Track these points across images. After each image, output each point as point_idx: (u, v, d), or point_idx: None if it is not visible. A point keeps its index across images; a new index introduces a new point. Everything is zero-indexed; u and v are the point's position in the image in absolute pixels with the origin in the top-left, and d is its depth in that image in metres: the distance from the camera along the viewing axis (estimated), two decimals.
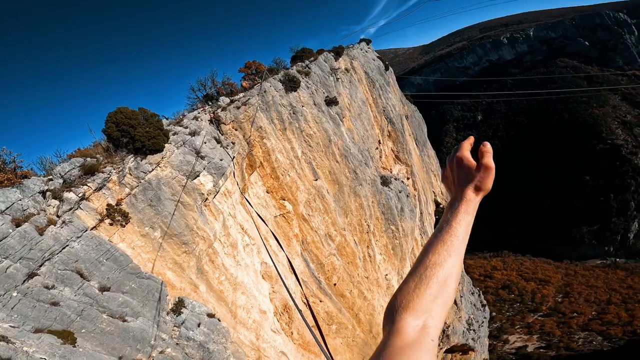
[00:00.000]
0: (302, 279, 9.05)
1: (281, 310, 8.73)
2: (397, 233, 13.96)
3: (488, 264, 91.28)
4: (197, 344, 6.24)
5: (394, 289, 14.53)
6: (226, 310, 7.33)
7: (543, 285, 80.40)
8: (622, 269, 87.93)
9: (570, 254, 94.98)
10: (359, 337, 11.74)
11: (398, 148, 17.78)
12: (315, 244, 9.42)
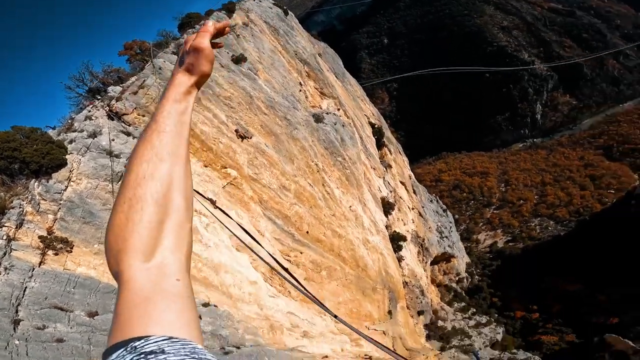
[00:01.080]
0: (274, 238, 10.15)
1: (269, 274, 9.86)
2: (346, 163, 15.79)
3: (434, 168, 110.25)
4: (209, 334, 7.07)
5: (362, 218, 16.83)
6: (219, 294, 8.14)
7: (485, 177, 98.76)
8: (542, 148, 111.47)
9: (495, 143, 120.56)
10: (350, 274, 13.81)
11: (320, 85, 19.01)
12: (273, 199, 10.41)
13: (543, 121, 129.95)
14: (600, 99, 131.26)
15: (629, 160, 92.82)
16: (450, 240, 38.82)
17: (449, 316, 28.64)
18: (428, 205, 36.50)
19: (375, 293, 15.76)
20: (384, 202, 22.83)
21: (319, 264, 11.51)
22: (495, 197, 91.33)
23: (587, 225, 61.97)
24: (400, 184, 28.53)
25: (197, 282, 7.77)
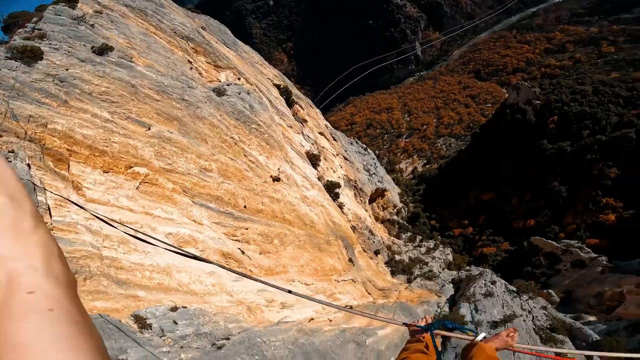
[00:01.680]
0: (214, 222, 10.14)
1: (224, 260, 9.98)
2: (261, 128, 15.93)
3: (345, 113, 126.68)
4: (193, 336, 7.12)
5: (292, 177, 17.54)
6: (182, 294, 8.07)
7: (391, 112, 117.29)
8: (428, 79, 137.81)
9: (391, 81, 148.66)
10: (301, 235, 14.62)
11: (212, 58, 18.44)
12: (197, 185, 10.21)
13: (424, 56, 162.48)
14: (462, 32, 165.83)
15: (495, 79, 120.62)
16: (378, 175, 42.71)
17: (402, 248, 32.61)
18: (350, 148, 39.12)
19: (330, 245, 17.10)
20: (309, 155, 23.98)
21: (268, 234, 11.97)
22: (403, 127, 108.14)
23: (479, 137, 75.47)
24: (319, 134, 29.89)
25: (154, 290, 7.62)
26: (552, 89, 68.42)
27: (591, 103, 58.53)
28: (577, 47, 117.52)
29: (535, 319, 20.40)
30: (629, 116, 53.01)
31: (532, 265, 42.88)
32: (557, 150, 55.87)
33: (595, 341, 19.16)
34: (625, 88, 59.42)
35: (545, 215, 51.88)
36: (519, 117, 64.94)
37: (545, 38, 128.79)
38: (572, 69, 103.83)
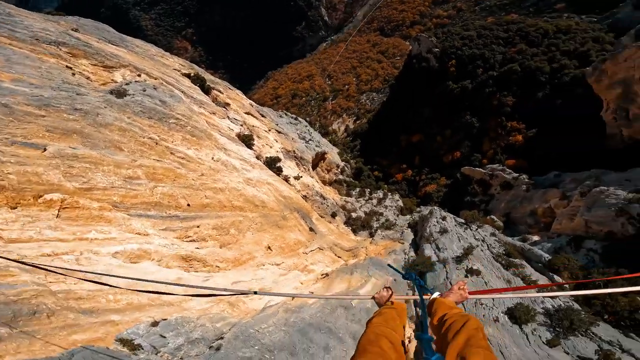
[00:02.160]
0: (161, 230, 9.32)
1: (186, 264, 9.35)
2: (181, 121, 14.70)
3: (268, 88, 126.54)
4: (186, 345, 6.67)
5: (230, 163, 16.81)
6: (157, 307, 7.54)
7: (312, 79, 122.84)
8: (339, 42, 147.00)
9: (305, 49, 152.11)
10: (255, 217, 14.20)
11: (98, 59, 16.24)
12: (127, 196, 9.18)
13: (331, 21, 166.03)
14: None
15: (398, 33, 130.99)
16: (315, 141, 43.06)
17: (356, 205, 33.81)
18: (280, 121, 38.59)
19: (288, 220, 17.01)
20: (241, 137, 23.22)
21: (223, 226, 11.42)
22: (327, 91, 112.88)
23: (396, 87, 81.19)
24: (246, 114, 28.82)
25: (126, 310, 6.99)
26: (445, 37, 76.73)
27: (478, 46, 67.31)
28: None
29: (490, 247, 21.94)
30: (510, 53, 62.14)
31: (469, 194, 47.75)
32: (461, 88, 63.38)
33: (547, 261, 20.48)
34: (502, 30, 68.85)
35: (467, 146, 58.36)
36: (425, 65, 72.55)
37: None
38: (457, 17, 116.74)
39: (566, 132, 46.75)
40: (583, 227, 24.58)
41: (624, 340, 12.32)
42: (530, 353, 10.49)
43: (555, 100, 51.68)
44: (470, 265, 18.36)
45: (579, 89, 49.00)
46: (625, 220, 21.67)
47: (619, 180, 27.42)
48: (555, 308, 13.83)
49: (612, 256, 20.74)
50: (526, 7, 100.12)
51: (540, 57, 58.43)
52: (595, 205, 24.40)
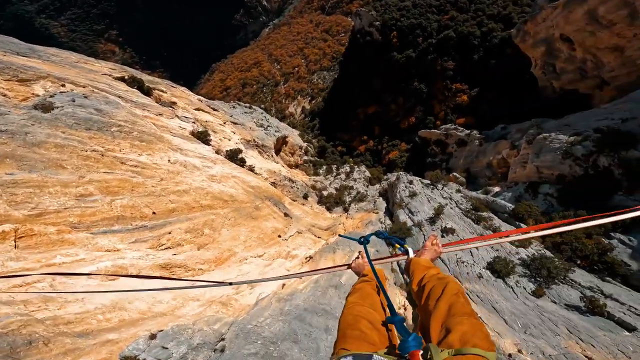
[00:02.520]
0: (130, 243, 8.70)
1: (167, 272, 8.88)
2: (124, 127, 13.66)
3: (215, 81, 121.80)
4: (190, 351, 6.40)
5: (189, 163, 16.03)
6: (150, 319, 7.21)
7: (260, 65, 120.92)
8: (282, 25, 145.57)
9: (248, 37, 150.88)
10: (228, 213, 13.72)
11: (10, 74, 14.58)
12: (85, 214, 8.42)
13: (270, 5, 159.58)
14: None
15: (338, 10, 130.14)
16: (273, 126, 42.31)
17: (325, 183, 33.93)
18: (234, 112, 37.33)
19: (261, 210, 16.68)
20: (196, 134, 22.25)
21: (195, 227, 10.92)
22: (278, 75, 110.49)
23: (345, 63, 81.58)
24: (197, 111, 27.53)
25: (121, 328, 6.68)
26: (384, 10, 78.17)
27: (415, 16, 69.56)
28: None
29: (457, 204, 22.65)
30: (444, 20, 64.93)
31: (430, 155, 49.36)
32: (405, 57, 65.59)
33: (511, 210, 21.26)
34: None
35: (420, 111, 61.10)
36: (369, 39, 73.98)
37: None
38: None
39: (504, 88, 50.08)
40: (535, 173, 25.69)
41: (602, 285, 12.80)
42: (520, 305, 10.83)
43: (490, 61, 55.29)
44: (444, 225, 19.03)
45: (508, 49, 52.52)
46: (572, 162, 22.86)
47: (559, 126, 28.72)
48: (531, 257, 14.46)
49: (567, 199, 21.84)
50: None
51: (471, 22, 62.17)
52: (542, 151, 25.51)
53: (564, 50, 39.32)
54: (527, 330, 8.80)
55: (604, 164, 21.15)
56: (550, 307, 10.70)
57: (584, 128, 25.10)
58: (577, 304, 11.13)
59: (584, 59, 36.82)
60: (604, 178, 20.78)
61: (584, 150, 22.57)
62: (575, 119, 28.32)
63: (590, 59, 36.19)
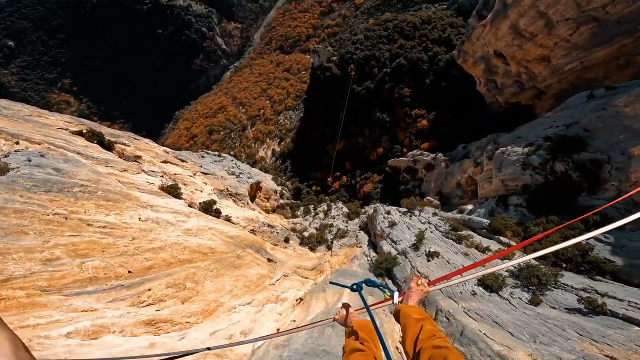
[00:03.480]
0: (109, 302, 7.99)
1: (152, 328, 8.14)
2: (88, 187, 13.16)
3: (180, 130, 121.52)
4: None
5: (161, 219, 15.45)
6: None
7: (225, 110, 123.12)
8: (243, 67, 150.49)
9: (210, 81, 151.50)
10: (209, 265, 13.08)
11: None
12: (54, 278, 7.69)
13: (230, 48, 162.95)
14: (253, 14, 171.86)
15: (297, 49, 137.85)
16: (245, 173, 42.20)
17: (305, 224, 33.60)
18: (203, 162, 37.03)
19: (243, 258, 16.12)
20: (165, 189, 21.61)
21: (176, 282, 10.27)
22: (244, 119, 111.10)
23: (309, 100, 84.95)
24: (164, 163, 27.04)
25: None
26: (339, 45, 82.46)
27: (368, 47, 73.58)
28: (339, 4, 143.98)
29: (436, 227, 22.95)
30: (395, 49, 69.76)
31: (402, 183, 50.89)
32: (365, 89, 68.70)
33: (488, 225, 21.60)
34: (382, 29, 76.52)
35: (386, 140, 63.24)
36: (329, 74, 77.38)
37: (317, 3, 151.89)
38: (345, 24, 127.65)
39: (457, 109, 53.80)
40: (501, 186, 26.50)
41: (594, 284, 12.85)
42: (521, 315, 10.73)
43: (440, 84, 59.57)
44: (427, 249, 19.06)
45: (454, 71, 56.85)
46: (532, 171, 23.86)
47: (512, 138, 30.27)
48: (518, 268, 14.57)
49: (536, 206, 22.50)
50: (394, 4, 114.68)
51: (418, 49, 66.90)
52: (502, 165, 26.59)
53: (500, 66, 42.94)
54: (536, 339, 8.67)
55: (560, 169, 22.18)
56: (551, 313, 10.65)
57: (535, 138, 26.59)
58: (576, 306, 11.13)
59: (519, 72, 40.16)
60: (564, 182, 21.69)
61: (539, 159, 23.65)
62: (525, 130, 29.91)
63: (523, 72, 39.48)
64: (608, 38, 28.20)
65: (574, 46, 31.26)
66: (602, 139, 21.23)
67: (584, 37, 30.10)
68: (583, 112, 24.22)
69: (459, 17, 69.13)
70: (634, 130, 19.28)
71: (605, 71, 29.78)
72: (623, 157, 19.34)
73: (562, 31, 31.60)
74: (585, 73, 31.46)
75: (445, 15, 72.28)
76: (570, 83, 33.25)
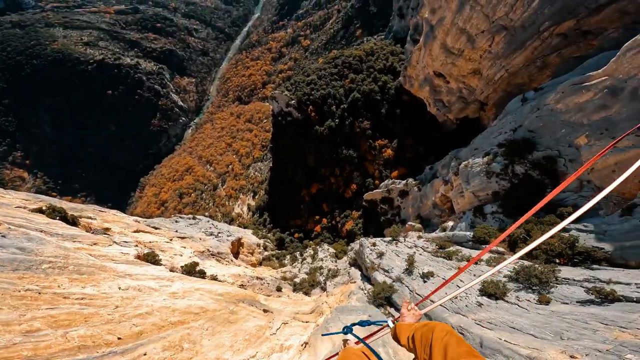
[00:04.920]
0: None
1: None
2: (57, 263, 12.27)
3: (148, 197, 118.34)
4: None
5: (144, 286, 14.51)
6: None
7: (192, 171, 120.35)
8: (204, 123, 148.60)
9: (171, 142, 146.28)
10: (203, 324, 12.12)
11: None
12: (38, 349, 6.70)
13: (187, 105, 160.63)
14: (205, 68, 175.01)
15: (255, 98, 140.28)
16: (224, 232, 40.97)
17: (294, 271, 32.47)
18: (178, 226, 35.81)
19: (237, 313, 15.19)
20: (142, 258, 20.61)
21: (172, 344, 9.34)
22: (214, 178, 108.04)
23: (275, 149, 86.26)
24: (136, 233, 25.89)
25: None
26: (294, 88, 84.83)
27: (322, 86, 76.33)
28: (289, 48, 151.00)
29: (424, 249, 23.21)
30: (347, 84, 72.95)
31: (381, 214, 51.77)
32: (328, 128, 70.93)
33: (472, 237, 22.03)
34: (332, 66, 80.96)
35: (358, 176, 64.36)
36: (290, 119, 78.70)
37: (267, 49, 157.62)
38: (296, 67, 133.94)
39: (415, 133, 56.73)
40: (474, 198, 27.44)
41: (595, 273, 12.74)
42: (536, 316, 10.47)
43: (395, 111, 62.96)
44: (421, 271, 18.96)
45: (404, 96, 60.56)
46: (496, 178, 25.03)
47: (470, 151, 31.92)
48: (514, 272, 14.51)
49: (511, 210, 23.53)
50: (339, 41, 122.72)
51: (368, 80, 70.91)
52: (469, 178, 27.68)
53: (442, 85, 45.94)
54: (562, 336, 8.38)
55: (520, 171, 23.36)
56: (565, 309, 10.43)
57: (489, 147, 28.22)
58: (587, 297, 10.90)
59: (459, 88, 43.17)
60: (528, 182, 22.78)
61: (499, 165, 24.87)
62: (480, 141, 31.65)
63: (463, 87, 42.48)
64: (520, 44, 30.55)
65: (495, 56, 33.90)
66: (547, 136, 22.66)
67: (501, 46, 32.66)
68: (522, 115, 25.90)
69: (397, 44, 74.53)
70: (572, 123, 20.69)
71: (529, 75, 32.33)
72: (571, 149, 20.71)
73: (482, 43, 34.54)
74: (513, 79, 34.15)
75: (385, 45, 77.51)
76: (504, 90, 35.97)
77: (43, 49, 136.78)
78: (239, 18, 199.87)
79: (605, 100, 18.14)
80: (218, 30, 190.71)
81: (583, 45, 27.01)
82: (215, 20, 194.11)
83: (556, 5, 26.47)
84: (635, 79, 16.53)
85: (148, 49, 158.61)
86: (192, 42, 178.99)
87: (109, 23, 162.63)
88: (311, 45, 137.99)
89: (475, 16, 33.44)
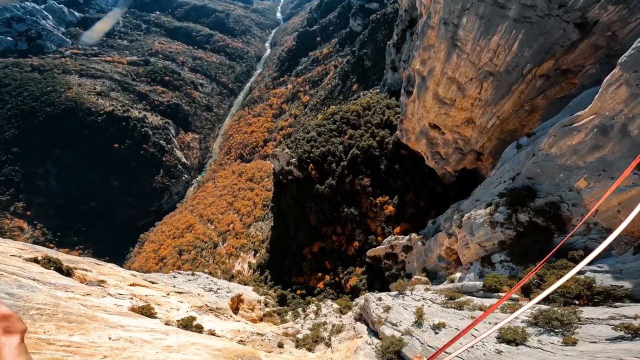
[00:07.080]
0: None
1: None
2: (46, 310, 11.47)
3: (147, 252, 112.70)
4: None
5: (136, 338, 13.39)
6: None
7: (193, 228, 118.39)
8: (206, 181, 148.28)
9: (173, 199, 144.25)
10: None
11: None
12: None
13: (190, 162, 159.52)
14: (209, 123, 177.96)
15: (256, 155, 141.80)
16: (223, 288, 39.08)
17: (297, 327, 30.27)
18: (176, 281, 34.37)
19: None
20: (137, 310, 19.33)
21: None
22: (215, 236, 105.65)
23: (276, 208, 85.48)
24: (132, 286, 24.69)
25: None
26: (295, 145, 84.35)
27: (322, 143, 74.71)
28: (289, 104, 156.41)
29: (433, 300, 21.97)
30: (346, 140, 73.43)
31: (386, 269, 49.75)
32: (328, 186, 68.97)
33: (483, 286, 21.15)
34: (331, 122, 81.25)
35: (360, 233, 62.41)
36: (291, 178, 77.25)
37: (268, 106, 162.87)
38: (296, 123, 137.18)
39: (412, 188, 56.46)
40: (480, 249, 26.45)
41: (619, 310, 12.11)
42: (563, 358, 9.69)
43: (394, 166, 62.10)
44: (431, 323, 17.86)
45: (402, 150, 60.74)
46: (501, 228, 24.26)
47: (472, 203, 31.22)
48: (532, 316, 13.64)
49: (520, 258, 22.46)
50: (336, 97, 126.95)
51: (366, 136, 70.81)
52: (473, 230, 26.86)
53: (438, 137, 45.88)
54: None
55: (525, 219, 22.57)
56: (596, 348, 9.56)
57: (490, 197, 27.66)
58: (616, 334, 10.10)
59: (455, 139, 43.15)
60: (534, 229, 21.96)
61: (502, 215, 24.12)
62: (480, 192, 30.99)
63: (458, 138, 42.52)
64: (507, 88, 31.03)
65: (485, 103, 34.27)
66: (547, 182, 22.29)
67: (489, 92, 33.21)
68: (519, 163, 25.75)
69: (391, 97, 76.16)
70: (568, 167, 20.43)
71: (520, 120, 32.55)
72: (572, 193, 20.17)
73: (472, 91, 35.31)
74: (505, 126, 34.44)
75: (381, 98, 78.95)
76: (498, 138, 36.15)
77: (57, 96, 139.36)
78: (242, 74, 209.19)
79: (597, 140, 18.30)
80: (222, 85, 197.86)
81: (565, 85, 27.71)
82: (220, 75, 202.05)
83: (534, 46, 27.37)
84: (622, 115, 16.75)
85: (155, 102, 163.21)
86: (198, 96, 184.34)
87: (121, 74, 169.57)
88: (310, 101, 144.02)
89: (462, 64, 34.40)
